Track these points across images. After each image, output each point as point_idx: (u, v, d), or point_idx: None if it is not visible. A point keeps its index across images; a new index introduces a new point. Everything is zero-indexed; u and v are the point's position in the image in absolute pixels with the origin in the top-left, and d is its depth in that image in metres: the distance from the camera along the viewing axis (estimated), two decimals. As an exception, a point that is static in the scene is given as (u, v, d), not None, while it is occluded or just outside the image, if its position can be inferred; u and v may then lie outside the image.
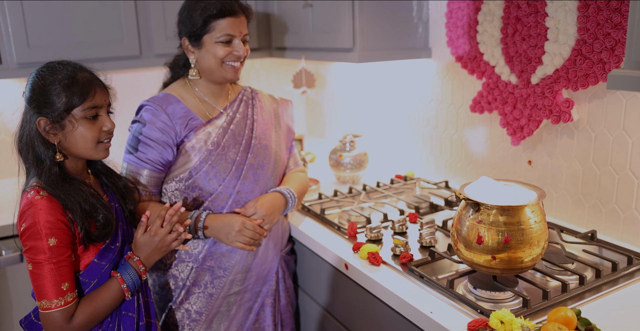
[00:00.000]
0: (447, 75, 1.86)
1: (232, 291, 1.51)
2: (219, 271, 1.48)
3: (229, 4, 1.41)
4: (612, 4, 1.29)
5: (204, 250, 1.47)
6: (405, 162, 2.13)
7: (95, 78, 1.19)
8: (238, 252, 1.49)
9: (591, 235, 1.40)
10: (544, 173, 1.58)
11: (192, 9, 1.42)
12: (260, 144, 1.52)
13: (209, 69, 1.45)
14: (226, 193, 1.47)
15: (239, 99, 1.56)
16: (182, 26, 1.45)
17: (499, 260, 1.10)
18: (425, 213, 1.64)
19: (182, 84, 1.51)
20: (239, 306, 1.53)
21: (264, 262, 1.54)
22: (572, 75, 1.42)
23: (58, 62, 1.17)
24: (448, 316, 1.08)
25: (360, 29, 1.73)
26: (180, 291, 1.48)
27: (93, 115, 1.16)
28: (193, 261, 1.47)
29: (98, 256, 1.18)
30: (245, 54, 1.45)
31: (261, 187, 1.51)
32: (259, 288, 1.55)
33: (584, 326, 1.00)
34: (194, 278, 1.47)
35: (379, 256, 1.33)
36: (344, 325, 1.49)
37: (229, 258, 1.48)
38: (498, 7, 1.59)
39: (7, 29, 1.82)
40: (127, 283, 1.19)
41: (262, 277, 1.55)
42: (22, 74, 1.87)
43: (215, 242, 1.47)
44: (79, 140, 1.15)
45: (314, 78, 2.14)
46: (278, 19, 2.18)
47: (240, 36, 1.44)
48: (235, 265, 1.49)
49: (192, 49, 1.45)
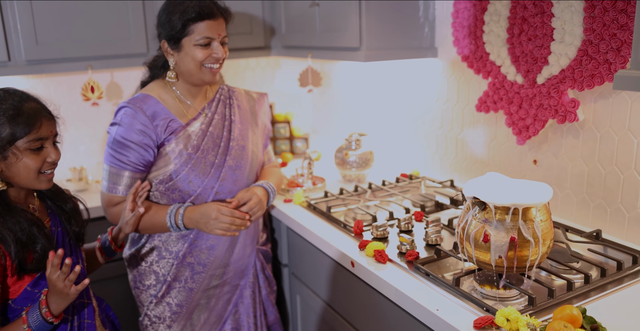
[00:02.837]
0: (453, 74, 1.86)
1: (211, 285, 1.57)
2: (199, 267, 1.53)
3: (207, 7, 1.42)
4: (619, 4, 1.29)
5: (184, 247, 1.51)
6: (411, 160, 2.14)
7: (43, 108, 1.16)
8: (217, 249, 1.54)
9: (596, 235, 1.41)
10: (549, 172, 1.59)
11: (170, 12, 1.43)
12: (238, 145, 1.56)
13: (188, 72, 1.47)
14: (205, 195, 1.50)
15: (216, 99, 1.58)
16: (162, 29, 1.46)
17: (506, 258, 1.11)
18: (430, 212, 1.65)
19: (162, 85, 1.52)
20: (218, 299, 1.59)
21: (241, 257, 1.60)
22: (578, 76, 1.42)
23: (4, 90, 1.14)
24: (454, 314, 1.09)
25: (367, 28, 1.74)
26: (162, 286, 1.53)
27: (38, 147, 1.13)
28: (174, 258, 1.52)
29: (32, 284, 1.16)
30: (224, 55, 1.47)
31: (239, 187, 1.56)
32: (237, 282, 1.62)
33: (589, 324, 1.01)
34: (174, 274, 1.52)
35: (385, 254, 1.34)
36: (350, 323, 1.50)
37: (207, 254, 1.53)
38: (504, 8, 1.60)
39: (16, 26, 1.84)
40: (31, 326, 1.11)
41: (240, 271, 1.61)
42: (30, 70, 1.89)
43: (195, 239, 1.52)
44: (21, 171, 1.13)
45: (320, 77, 2.15)
46: (285, 18, 2.19)
47: (219, 38, 1.45)
48: (214, 261, 1.55)
49: (171, 51, 1.47)
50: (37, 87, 2.19)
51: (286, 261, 1.84)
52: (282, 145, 2.44)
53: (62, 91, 2.25)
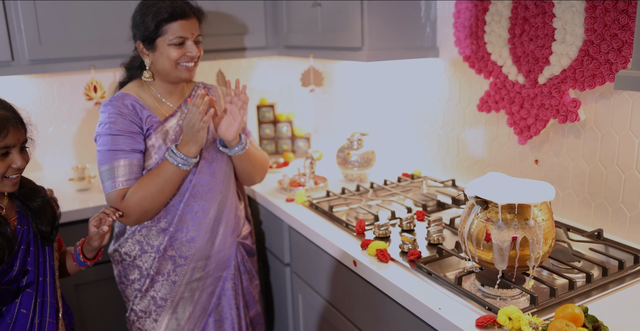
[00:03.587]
0: (454, 74, 1.87)
1: (194, 278, 1.60)
2: (180, 260, 1.57)
3: (179, 7, 1.46)
4: (620, 5, 1.30)
5: (165, 240, 1.55)
6: (412, 160, 2.15)
7: (12, 117, 1.18)
8: (197, 241, 1.57)
9: (598, 234, 1.42)
10: (550, 172, 1.60)
11: (144, 13, 1.47)
12: (212, 138, 1.60)
13: (164, 71, 1.51)
14: (183, 188, 1.55)
15: (192, 96, 1.62)
16: (136, 30, 1.51)
17: (508, 257, 1.12)
18: (432, 211, 1.66)
19: (139, 84, 1.57)
20: (202, 291, 1.63)
21: (222, 249, 1.63)
22: (579, 76, 1.43)
23: None
24: (456, 313, 1.10)
25: (369, 28, 1.75)
26: (145, 280, 1.56)
27: (3, 153, 1.17)
28: (155, 251, 1.55)
29: None
30: (199, 54, 1.52)
31: (217, 179, 1.60)
32: (219, 273, 1.65)
33: (591, 323, 1.01)
34: (157, 268, 1.56)
35: (387, 253, 1.34)
36: (352, 322, 1.51)
37: (188, 247, 1.57)
38: (506, 8, 1.60)
39: (20, 25, 1.84)
40: None
41: (222, 263, 1.64)
42: (33, 70, 1.90)
43: (175, 232, 1.54)
44: None
45: (322, 76, 2.16)
46: (287, 18, 2.20)
47: (193, 37, 1.50)
48: (195, 254, 1.58)
49: (146, 52, 1.51)
50: (40, 86, 2.20)
51: (288, 261, 1.85)
52: (283, 145, 2.45)
53: (65, 90, 2.25)
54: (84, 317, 1.91)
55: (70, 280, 1.84)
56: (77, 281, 1.87)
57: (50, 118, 2.25)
